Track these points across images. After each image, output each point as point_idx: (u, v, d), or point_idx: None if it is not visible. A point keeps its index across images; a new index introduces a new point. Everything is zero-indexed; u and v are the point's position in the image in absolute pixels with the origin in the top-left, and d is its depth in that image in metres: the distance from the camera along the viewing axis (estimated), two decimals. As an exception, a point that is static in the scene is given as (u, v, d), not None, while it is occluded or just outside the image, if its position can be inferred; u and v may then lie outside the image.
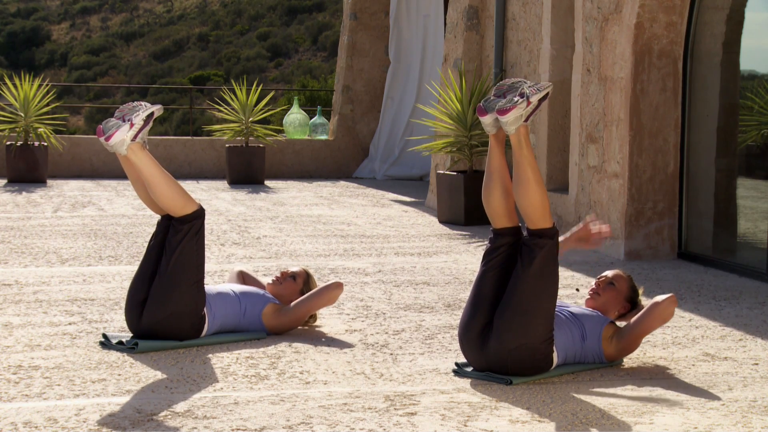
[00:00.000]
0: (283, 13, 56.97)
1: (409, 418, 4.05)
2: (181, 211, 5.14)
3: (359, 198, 13.50)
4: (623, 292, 5.03)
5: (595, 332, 4.85)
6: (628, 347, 4.89)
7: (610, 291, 5.02)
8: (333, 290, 5.50)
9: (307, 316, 5.51)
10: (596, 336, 4.85)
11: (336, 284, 5.50)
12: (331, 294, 5.50)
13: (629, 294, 5.05)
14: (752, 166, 8.61)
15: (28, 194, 13.10)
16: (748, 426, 4.03)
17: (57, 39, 58.69)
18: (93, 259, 7.98)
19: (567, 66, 10.14)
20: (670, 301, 4.85)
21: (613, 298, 5.01)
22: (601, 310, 5.01)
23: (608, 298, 5.01)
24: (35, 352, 5.00)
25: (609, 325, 4.90)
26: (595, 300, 5.02)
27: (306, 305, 5.46)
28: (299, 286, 5.59)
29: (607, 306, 5.01)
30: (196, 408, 4.14)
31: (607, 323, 4.90)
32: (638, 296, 5.09)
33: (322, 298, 5.48)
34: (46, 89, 14.95)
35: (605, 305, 5.01)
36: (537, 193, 4.57)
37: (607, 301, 5.01)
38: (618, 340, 4.87)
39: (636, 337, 4.87)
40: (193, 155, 16.74)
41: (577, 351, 4.82)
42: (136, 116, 4.99)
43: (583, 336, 4.83)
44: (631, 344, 4.88)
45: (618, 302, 5.02)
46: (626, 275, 5.10)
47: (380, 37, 17.62)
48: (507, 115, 4.52)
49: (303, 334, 5.52)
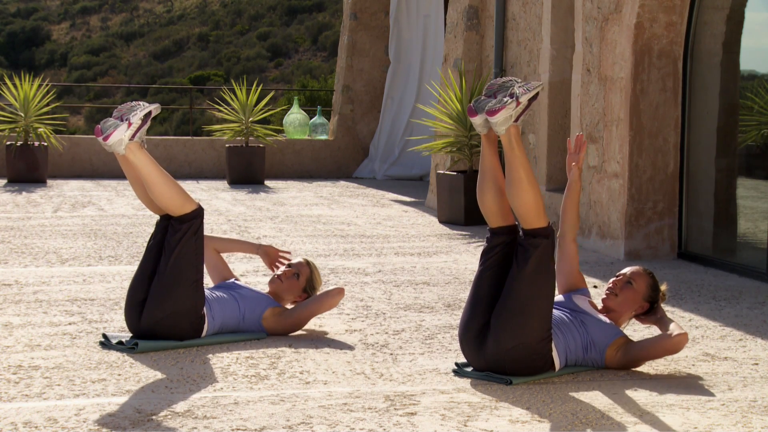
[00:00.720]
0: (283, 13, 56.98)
1: (409, 418, 4.05)
2: (180, 210, 5.14)
3: (359, 198, 13.51)
4: (641, 291, 4.90)
5: (602, 345, 4.79)
6: (629, 365, 4.83)
7: (628, 291, 4.90)
8: (334, 296, 5.49)
9: (307, 322, 5.51)
10: (602, 348, 4.79)
11: (337, 290, 5.50)
12: (332, 300, 5.50)
13: (648, 293, 4.91)
14: (752, 166, 8.61)
15: (28, 194, 13.10)
16: (748, 426, 4.03)
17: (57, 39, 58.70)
18: (93, 259, 7.98)
19: (567, 66, 10.14)
20: (683, 338, 4.72)
21: (630, 299, 4.90)
22: (618, 311, 4.90)
23: (625, 299, 4.90)
24: (35, 352, 5.00)
25: (617, 339, 4.81)
26: (611, 300, 4.91)
27: (306, 310, 5.46)
28: (302, 284, 5.57)
29: (623, 306, 4.90)
30: (196, 408, 4.14)
31: (616, 338, 4.80)
32: (659, 295, 4.94)
33: (323, 304, 5.48)
34: (46, 89, 14.95)
35: (622, 305, 4.90)
36: (530, 193, 4.56)
37: (623, 301, 4.90)
38: (622, 356, 4.79)
39: (639, 360, 4.82)
40: (193, 155, 16.74)
41: (579, 357, 4.80)
42: (133, 115, 4.98)
43: (587, 345, 4.78)
44: (632, 364, 4.83)
45: (635, 302, 4.91)
46: (646, 272, 4.95)
47: (380, 37, 17.62)
48: (496, 115, 4.51)
49: (303, 335, 5.52)
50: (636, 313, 4.94)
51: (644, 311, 4.95)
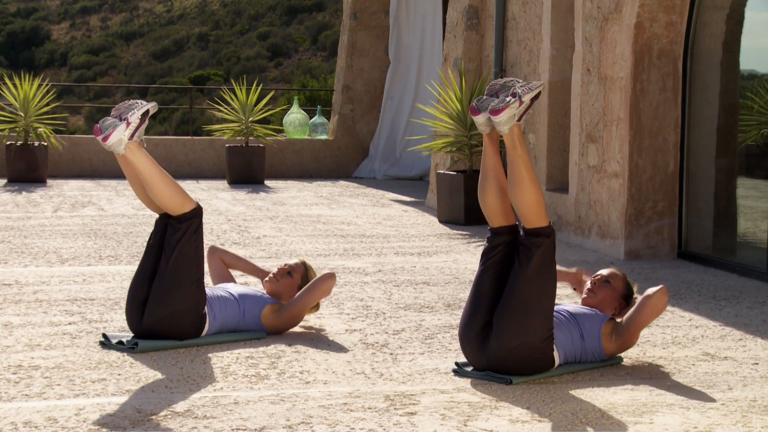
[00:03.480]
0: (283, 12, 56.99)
1: (409, 417, 4.05)
2: (179, 209, 5.14)
3: (359, 198, 13.51)
4: (618, 289, 5.08)
5: (595, 331, 4.88)
6: (626, 342, 4.92)
7: (606, 289, 5.06)
8: (325, 281, 5.47)
9: (305, 312, 5.50)
10: (596, 334, 4.87)
11: (327, 275, 5.48)
12: (324, 286, 5.47)
13: (624, 291, 5.10)
14: (752, 166, 8.61)
15: (28, 194, 13.10)
16: (748, 426, 4.03)
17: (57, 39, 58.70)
18: (93, 258, 7.98)
19: (567, 66, 10.14)
20: (662, 293, 4.90)
21: (609, 296, 5.06)
22: (598, 308, 5.05)
23: (604, 296, 5.05)
24: (35, 352, 5.00)
25: (608, 323, 4.93)
26: (591, 298, 5.06)
27: (302, 302, 5.45)
28: (297, 282, 5.57)
29: (603, 304, 5.05)
30: (196, 408, 4.14)
31: (606, 321, 4.93)
32: (633, 293, 5.14)
33: (315, 291, 5.46)
34: (46, 89, 14.95)
35: (601, 303, 5.05)
36: (532, 192, 4.58)
37: (603, 299, 5.05)
38: (617, 336, 4.91)
39: (634, 331, 4.91)
40: (193, 155, 16.74)
41: (577, 350, 4.84)
42: (131, 115, 4.98)
43: (582, 335, 4.85)
44: (629, 339, 4.92)
45: (614, 300, 5.06)
46: (621, 273, 5.16)
47: (380, 37, 17.62)
48: (500, 114, 4.53)
49: (303, 335, 5.52)
50: (615, 310, 5.07)
51: (622, 308, 5.08)
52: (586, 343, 4.86)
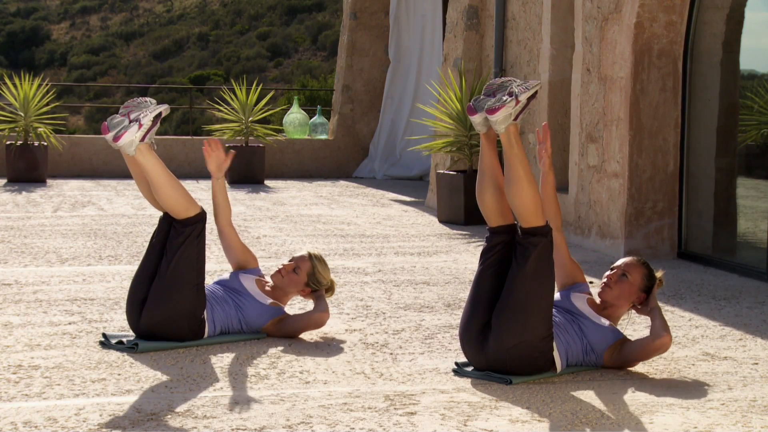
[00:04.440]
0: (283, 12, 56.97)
1: (409, 417, 4.05)
2: (184, 213, 5.13)
3: (359, 198, 13.51)
4: (636, 283, 4.88)
5: (600, 350, 4.80)
6: (624, 366, 4.85)
7: (623, 284, 4.88)
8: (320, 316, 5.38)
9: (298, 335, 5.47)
10: (600, 351, 4.80)
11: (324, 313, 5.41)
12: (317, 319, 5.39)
13: (643, 283, 4.89)
14: (752, 166, 8.61)
15: (28, 194, 13.10)
16: (747, 426, 4.03)
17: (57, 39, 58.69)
18: (93, 258, 7.99)
19: (567, 65, 10.14)
20: (664, 341, 4.70)
21: (626, 291, 4.88)
22: (616, 304, 4.89)
23: (621, 291, 4.88)
24: (35, 352, 5.00)
25: (615, 342, 4.81)
26: (607, 294, 4.89)
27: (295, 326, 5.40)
28: (303, 279, 5.54)
29: (620, 299, 4.89)
30: (196, 408, 4.14)
31: (615, 341, 4.81)
32: (655, 282, 4.91)
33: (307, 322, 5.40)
34: (45, 89, 14.95)
35: (618, 298, 4.89)
36: (529, 191, 4.57)
37: (620, 294, 4.88)
38: (617, 356, 4.81)
39: (633, 362, 4.83)
40: (193, 155, 16.74)
41: (579, 360, 4.81)
42: (144, 117, 4.99)
43: (586, 352, 4.80)
44: (625, 365, 4.85)
45: (631, 294, 4.88)
46: (640, 263, 4.93)
47: (380, 37, 17.62)
48: (496, 114, 4.54)
49: (303, 335, 5.52)
50: (634, 303, 4.92)
51: (641, 301, 4.91)
52: (588, 356, 4.82)
